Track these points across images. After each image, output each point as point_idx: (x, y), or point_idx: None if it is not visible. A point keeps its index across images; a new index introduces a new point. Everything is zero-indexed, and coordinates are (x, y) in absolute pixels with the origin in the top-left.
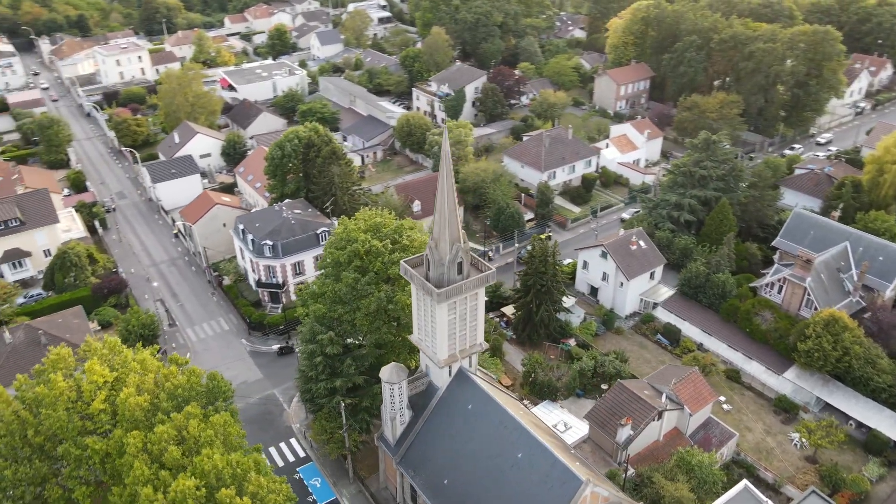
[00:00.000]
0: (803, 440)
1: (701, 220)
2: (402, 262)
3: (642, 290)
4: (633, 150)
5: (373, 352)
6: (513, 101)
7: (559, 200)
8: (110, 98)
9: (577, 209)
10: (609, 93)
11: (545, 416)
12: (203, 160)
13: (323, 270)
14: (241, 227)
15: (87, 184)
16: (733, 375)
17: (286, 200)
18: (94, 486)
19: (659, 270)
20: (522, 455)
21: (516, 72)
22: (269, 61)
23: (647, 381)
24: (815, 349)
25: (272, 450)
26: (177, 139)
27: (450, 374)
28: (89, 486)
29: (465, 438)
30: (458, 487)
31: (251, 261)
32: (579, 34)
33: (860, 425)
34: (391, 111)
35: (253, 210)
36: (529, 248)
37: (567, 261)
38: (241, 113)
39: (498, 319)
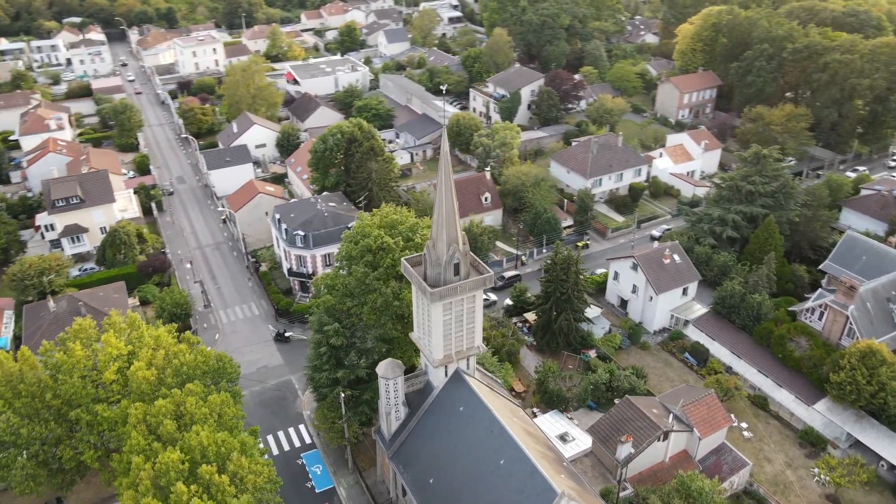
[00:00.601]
0: (824, 476)
1: (745, 237)
2: (402, 259)
3: (673, 305)
4: (688, 161)
5: (379, 347)
6: (570, 106)
7: (603, 209)
8: (184, 87)
9: (620, 219)
10: (671, 100)
11: (549, 426)
12: (258, 150)
13: (338, 263)
14: (277, 216)
15: (151, 167)
16: (760, 402)
17: (324, 193)
18: (103, 451)
19: (693, 287)
20: (505, 462)
21: (577, 76)
22: (335, 57)
23: (658, 400)
24: (849, 382)
25: (280, 434)
26: (235, 129)
27: (446, 375)
28: (97, 451)
29: (454, 440)
30: (441, 487)
31: (284, 250)
32: (651, 39)
33: (892, 467)
34: (442, 111)
35: (291, 200)
36: (553, 254)
37: (599, 270)
38: (300, 106)
39: (520, 324)
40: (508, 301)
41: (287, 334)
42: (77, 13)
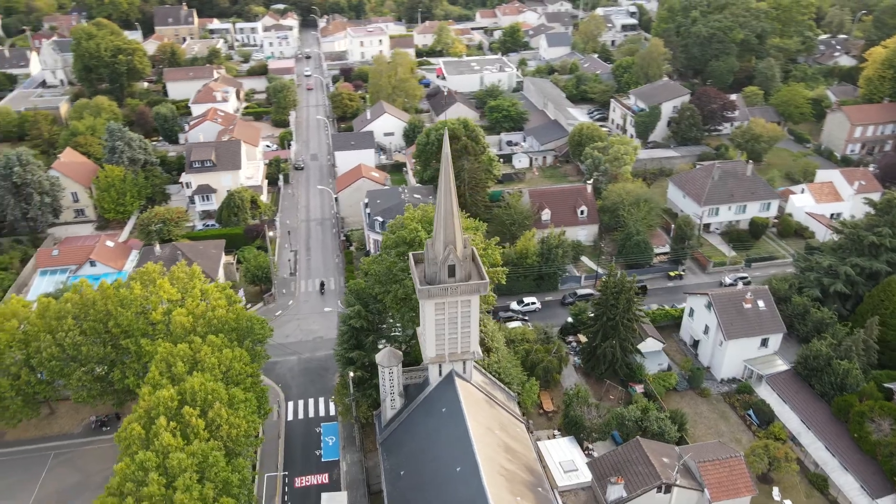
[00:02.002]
0: None
1: (860, 295)
2: (410, 253)
3: (748, 356)
4: (834, 202)
5: (405, 337)
6: (714, 127)
7: (715, 241)
8: (346, 74)
9: (731, 253)
10: (840, 132)
11: (556, 451)
12: (386, 138)
13: (380, 250)
14: (366, 200)
15: (292, 143)
16: (819, 482)
17: (416, 185)
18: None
19: (775, 339)
20: (460, 470)
21: (733, 96)
22: (488, 56)
23: (677, 449)
24: None
25: (311, 401)
26: (368, 115)
27: (440, 374)
28: (139, 378)
29: (430, 439)
30: (407, 482)
31: (366, 233)
32: (847, 62)
33: None
34: (573, 118)
35: (382, 188)
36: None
37: (682, 304)
38: (439, 101)
39: (574, 344)
40: (570, 318)
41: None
42: (283, 0)
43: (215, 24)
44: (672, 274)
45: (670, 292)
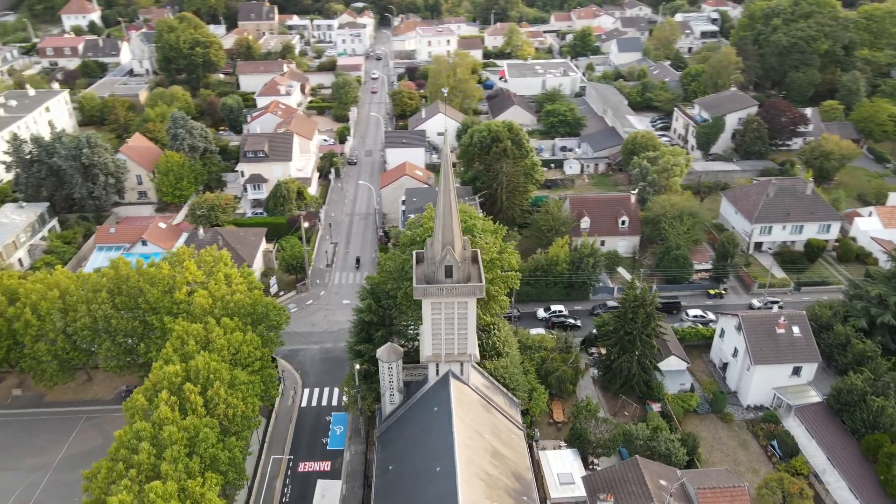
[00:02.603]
0: None
1: None
2: (414, 251)
3: (778, 383)
4: None
5: (415, 336)
6: (782, 142)
7: (766, 261)
8: (411, 72)
9: (780, 275)
10: None
11: (556, 463)
12: (439, 137)
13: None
14: (403, 198)
15: (348, 138)
16: None
17: (457, 185)
18: None
19: (809, 369)
20: (440, 470)
21: (807, 110)
22: (554, 60)
23: (679, 473)
24: None
25: (326, 389)
26: (423, 115)
27: (437, 373)
28: (159, 353)
29: (420, 436)
30: (394, 477)
31: (401, 229)
32: None
33: None
34: (631, 126)
35: (422, 186)
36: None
37: (712, 324)
38: (498, 103)
39: (596, 355)
40: (594, 329)
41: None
42: None
43: (294, 20)
44: (712, 292)
45: (708, 311)
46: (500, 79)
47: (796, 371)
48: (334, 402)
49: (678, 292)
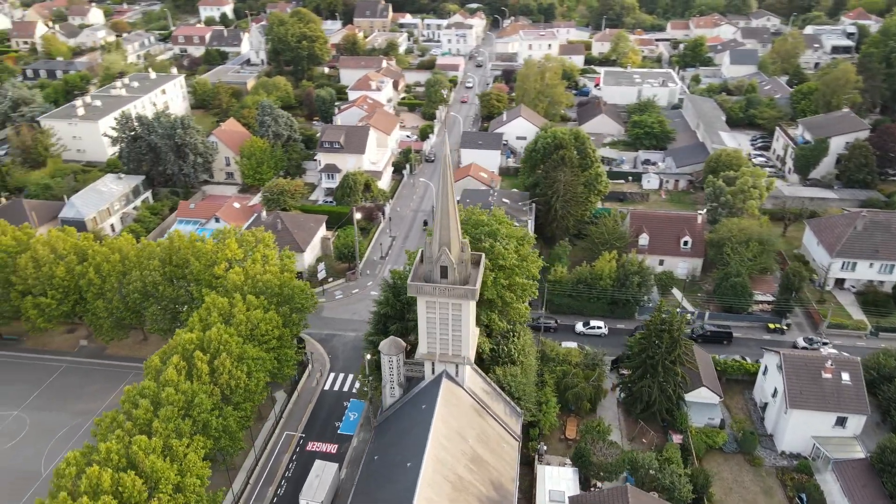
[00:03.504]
0: None
1: None
2: (421, 249)
3: (819, 432)
4: None
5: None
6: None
7: (845, 299)
8: (507, 75)
9: (858, 316)
10: None
11: (551, 479)
12: (518, 141)
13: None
14: (467, 200)
15: (430, 136)
16: None
17: (513, 190)
18: None
19: (857, 421)
20: (410, 465)
21: None
22: (656, 70)
23: None
24: None
25: (350, 376)
26: (504, 118)
27: (433, 372)
28: None
29: (404, 432)
30: (375, 468)
31: None
32: None
33: None
34: (721, 143)
35: (479, 188)
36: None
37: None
38: (586, 110)
39: (621, 374)
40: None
41: None
42: (480, 0)
43: (407, 18)
44: (772, 326)
45: (763, 346)
46: (595, 86)
47: (841, 422)
48: (355, 389)
49: (733, 322)
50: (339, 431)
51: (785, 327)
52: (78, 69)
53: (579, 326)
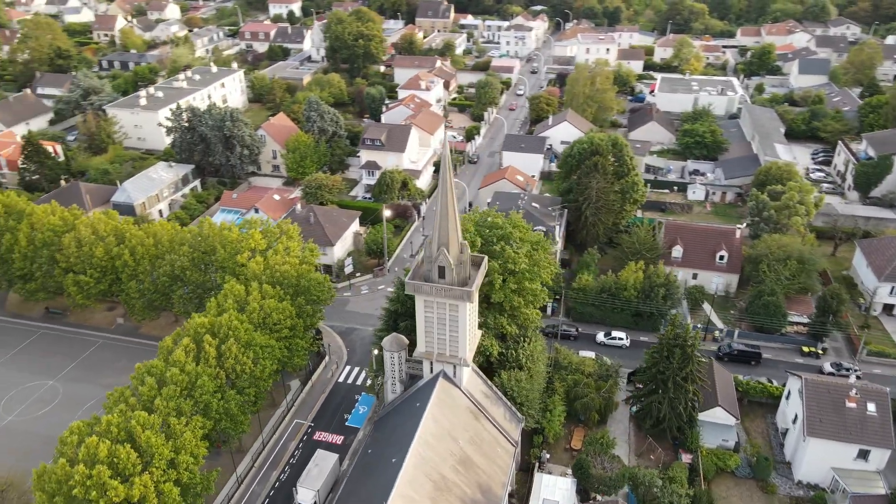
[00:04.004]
0: None
1: None
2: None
3: (839, 463)
4: None
5: None
6: None
7: (892, 325)
8: (561, 78)
9: None
10: None
11: (547, 488)
12: (562, 145)
13: None
14: (488, 200)
15: (476, 137)
16: None
17: (545, 194)
18: None
19: (880, 455)
20: (394, 461)
21: None
22: (713, 77)
23: None
24: None
25: (364, 371)
26: (550, 122)
27: (431, 371)
28: None
29: (397, 428)
30: (367, 459)
31: None
32: None
33: None
34: (776, 156)
35: (513, 191)
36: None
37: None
38: (637, 117)
39: (637, 387)
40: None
41: None
42: (547, 2)
43: (469, 20)
44: (806, 349)
45: (794, 370)
46: (650, 92)
47: (863, 454)
48: (368, 383)
49: (764, 343)
50: (346, 423)
51: (820, 351)
52: (149, 62)
53: (600, 336)
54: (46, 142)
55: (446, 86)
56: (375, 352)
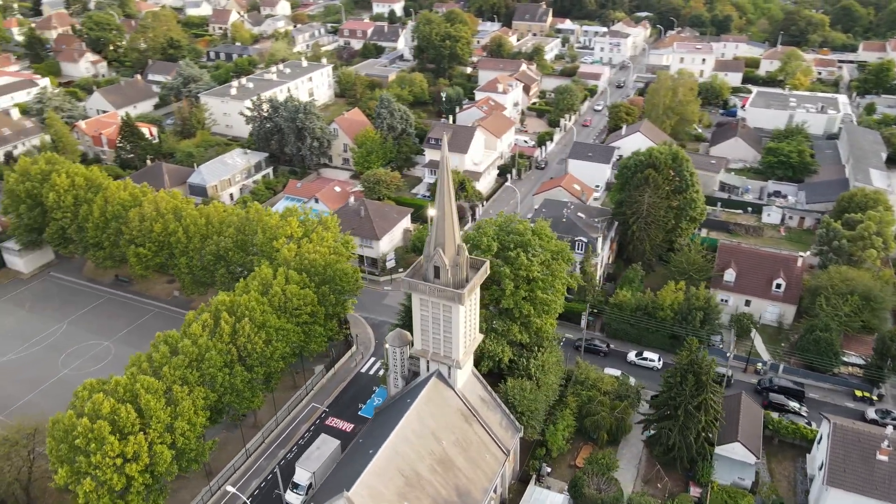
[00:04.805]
0: None
1: None
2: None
3: None
4: None
5: None
6: None
7: None
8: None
9: None
10: None
11: (536, 500)
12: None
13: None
14: (536, 206)
15: (547, 143)
16: None
17: (597, 205)
18: None
19: None
20: (371, 452)
21: None
22: (815, 94)
23: None
24: None
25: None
26: (623, 132)
27: (427, 370)
28: None
29: (386, 422)
30: (357, 447)
31: None
32: None
33: None
34: (869, 182)
35: (562, 200)
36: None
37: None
38: (722, 132)
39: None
40: None
41: None
42: (653, 9)
43: (566, 24)
44: (859, 394)
45: (843, 413)
46: (742, 107)
47: None
48: (381, 374)
49: (812, 381)
50: (359, 413)
51: (875, 398)
52: (250, 54)
53: (631, 356)
54: (144, 124)
55: (526, 90)
56: (387, 346)
